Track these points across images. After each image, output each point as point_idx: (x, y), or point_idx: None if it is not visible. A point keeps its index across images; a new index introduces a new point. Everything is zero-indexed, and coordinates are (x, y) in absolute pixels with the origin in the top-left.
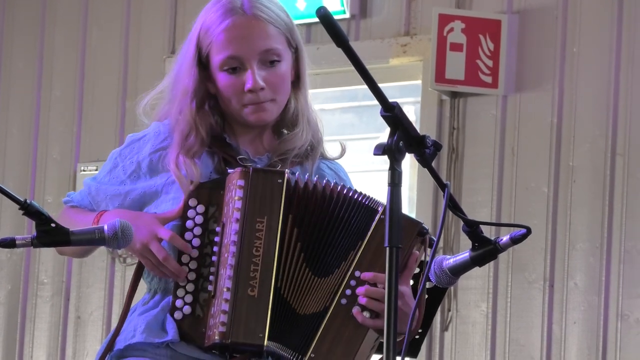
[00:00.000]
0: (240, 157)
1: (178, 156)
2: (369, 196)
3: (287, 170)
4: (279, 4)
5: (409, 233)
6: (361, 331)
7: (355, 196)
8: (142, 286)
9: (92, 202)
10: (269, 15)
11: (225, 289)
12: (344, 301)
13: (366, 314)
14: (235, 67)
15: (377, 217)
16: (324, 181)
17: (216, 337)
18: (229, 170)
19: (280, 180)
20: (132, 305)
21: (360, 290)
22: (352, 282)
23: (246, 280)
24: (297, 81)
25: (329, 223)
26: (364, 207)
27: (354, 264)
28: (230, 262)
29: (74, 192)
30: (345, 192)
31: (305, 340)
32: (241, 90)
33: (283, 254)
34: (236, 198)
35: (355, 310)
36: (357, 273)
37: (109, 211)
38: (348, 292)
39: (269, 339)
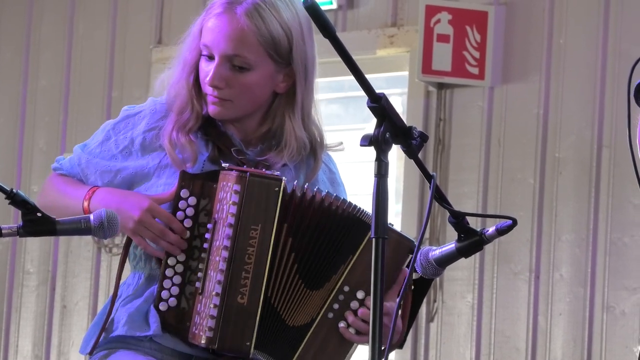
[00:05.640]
0: (235, 148)
1: (172, 132)
2: (364, 210)
3: (284, 177)
4: (291, 17)
5: (400, 250)
6: (345, 346)
7: (353, 210)
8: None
9: (81, 174)
10: (257, 24)
11: (214, 294)
12: (330, 315)
13: (352, 330)
14: (210, 55)
15: (368, 235)
16: (324, 193)
17: (202, 341)
18: (224, 165)
19: (277, 189)
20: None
21: (355, 308)
22: (340, 297)
23: (236, 287)
24: (289, 99)
25: (325, 235)
26: (359, 222)
27: (342, 278)
28: (221, 266)
29: (64, 159)
30: (343, 205)
31: (291, 351)
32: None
33: (276, 263)
34: (231, 202)
35: (342, 326)
36: (345, 288)
37: (100, 189)
38: (336, 306)
39: (255, 347)
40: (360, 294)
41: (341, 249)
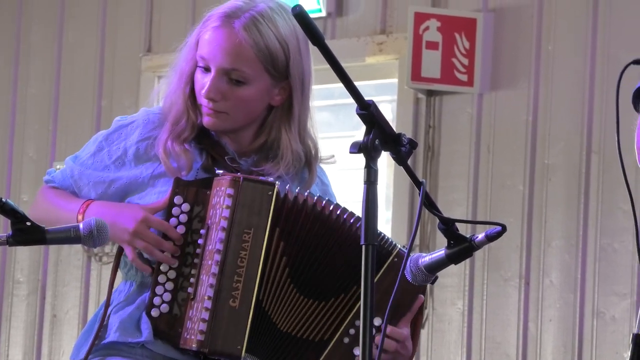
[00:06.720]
0: (228, 157)
1: (167, 141)
2: (382, 234)
3: (277, 182)
4: (288, 30)
5: None
6: None
7: (355, 222)
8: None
9: (74, 185)
10: (255, 39)
11: (206, 297)
12: (346, 340)
13: None
14: (206, 67)
15: (389, 260)
16: (315, 197)
17: (193, 345)
18: (218, 172)
19: (270, 193)
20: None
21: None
22: (357, 322)
23: (228, 290)
24: (285, 112)
25: (319, 242)
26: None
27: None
28: (213, 270)
29: (55, 171)
30: (337, 210)
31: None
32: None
33: (267, 266)
34: (224, 206)
35: (357, 354)
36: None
37: (94, 202)
38: (352, 331)
39: (246, 350)
40: (377, 321)
41: (348, 265)
